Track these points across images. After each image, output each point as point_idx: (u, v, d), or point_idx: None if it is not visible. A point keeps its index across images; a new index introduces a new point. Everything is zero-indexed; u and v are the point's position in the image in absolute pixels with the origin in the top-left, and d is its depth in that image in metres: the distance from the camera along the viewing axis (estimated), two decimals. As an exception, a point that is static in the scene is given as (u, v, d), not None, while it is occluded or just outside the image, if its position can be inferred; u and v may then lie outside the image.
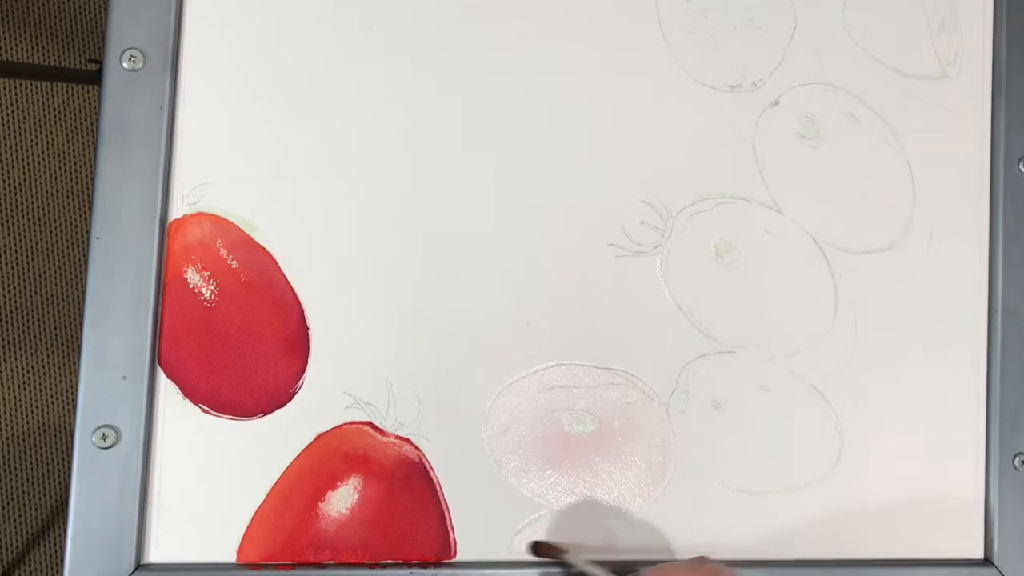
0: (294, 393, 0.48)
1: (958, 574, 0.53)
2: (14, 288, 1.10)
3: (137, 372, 0.47)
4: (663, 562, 0.46)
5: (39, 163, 1.11)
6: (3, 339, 1.09)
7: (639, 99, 0.53)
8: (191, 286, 0.48)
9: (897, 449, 0.54)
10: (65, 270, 1.12)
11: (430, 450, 0.49)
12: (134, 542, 0.46)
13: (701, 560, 0.44)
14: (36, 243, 1.11)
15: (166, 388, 0.47)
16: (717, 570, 0.42)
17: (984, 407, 0.55)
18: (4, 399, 1.09)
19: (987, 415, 0.55)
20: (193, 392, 0.47)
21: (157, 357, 0.47)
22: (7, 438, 1.09)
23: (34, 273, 1.11)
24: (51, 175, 1.12)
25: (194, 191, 0.48)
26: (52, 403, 1.11)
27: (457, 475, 0.49)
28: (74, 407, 0.47)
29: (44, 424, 1.11)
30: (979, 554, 0.54)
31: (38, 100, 1.11)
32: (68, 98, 1.12)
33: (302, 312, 0.49)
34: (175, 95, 0.49)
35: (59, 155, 1.12)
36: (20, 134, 1.11)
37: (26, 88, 1.11)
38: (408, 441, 0.49)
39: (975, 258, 0.55)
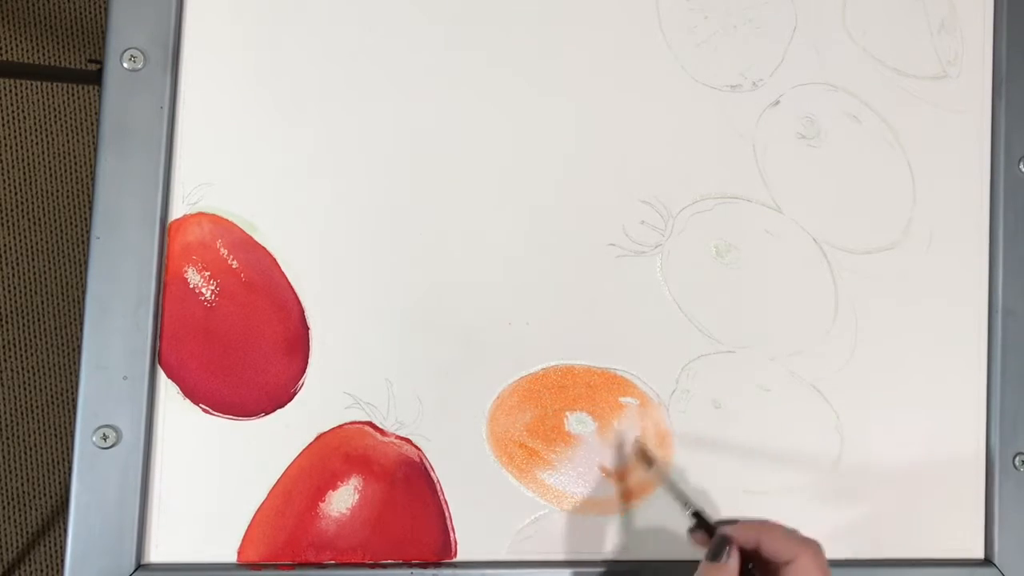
0: (294, 393, 0.48)
1: (958, 574, 0.53)
2: (14, 288, 1.10)
3: (137, 372, 0.47)
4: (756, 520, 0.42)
5: (39, 163, 1.11)
6: (3, 339, 1.09)
7: (639, 99, 0.53)
8: (191, 286, 0.48)
9: (897, 449, 0.53)
10: (65, 270, 1.12)
11: (430, 450, 0.49)
12: (134, 542, 0.46)
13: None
14: (36, 243, 1.11)
15: (166, 388, 0.47)
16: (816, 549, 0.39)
17: (984, 407, 0.55)
18: (4, 399, 1.09)
19: (987, 415, 0.55)
20: (193, 392, 0.47)
21: (157, 357, 0.47)
22: (7, 438, 1.09)
23: (34, 273, 1.11)
24: (51, 175, 1.11)
25: (194, 191, 0.48)
26: (52, 403, 1.11)
27: (457, 475, 0.49)
28: (74, 407, 0.47)
29: (44, 424, 1.11)
30: (979, 554, 0.54)
31: (38, 100, 1.11)
32: (68, 98, 1.12)
33: (302, 312, 0.49)
34: (175, 95, 0.49)
35: (59, 155, 1.12)
36: (20, 134, 1.11)
37: (26, 88, 1.11)
38: (408, 441, 0.49)
39: (975, 258, 0.55)
